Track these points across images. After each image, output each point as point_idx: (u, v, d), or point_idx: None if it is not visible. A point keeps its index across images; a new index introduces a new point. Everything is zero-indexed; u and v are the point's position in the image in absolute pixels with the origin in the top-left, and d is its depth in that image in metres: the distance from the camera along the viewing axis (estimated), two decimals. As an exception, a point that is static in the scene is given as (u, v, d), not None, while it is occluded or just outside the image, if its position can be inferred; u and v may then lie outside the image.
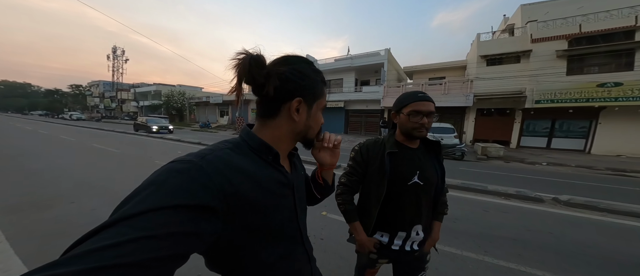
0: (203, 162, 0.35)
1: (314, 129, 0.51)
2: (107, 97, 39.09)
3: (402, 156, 0.85)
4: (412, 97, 0.83)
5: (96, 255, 0.24)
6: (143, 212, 0.28)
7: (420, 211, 0.87)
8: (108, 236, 0.26)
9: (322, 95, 0.50)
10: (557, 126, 10.62)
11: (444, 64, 14.83)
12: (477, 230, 2.40)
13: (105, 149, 6.72)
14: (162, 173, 0.33)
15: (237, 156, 0.41)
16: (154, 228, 0.27)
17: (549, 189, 4.13)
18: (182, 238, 0.29)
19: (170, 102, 26.65)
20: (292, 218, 0.48)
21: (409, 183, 0.84)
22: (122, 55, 34.82)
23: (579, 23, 9.68)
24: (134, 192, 0.31)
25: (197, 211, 0.31)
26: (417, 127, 0.81)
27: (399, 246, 0.89)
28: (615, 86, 8.79)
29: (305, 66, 0.46)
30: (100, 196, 2.98)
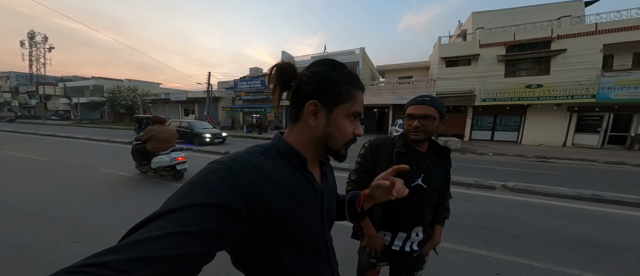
0: (233, 164, 0.37)
1: (337, 138, 0.45)
2: (22, 92, 31.07)
3: (409, 158, 0.87)
4: (412, 101, 0.87)
5: (139, 245, 0.27)
6: (181, 207, 0.30)
7: (422, 214, 0.89)
8: (152, 228, 0.29)
9: (348, 99, 0.44)
10: (498, 121, 12.62)
11: (411, 64, 16.07)
12: (449, 220, 2.62)
13: (27, 157, 5.29)
14: (201, 172, 0.36)
15: (266, 161, 0.41)
16: (188, 224, 0.29)
17: (498, 176, 4.86)
18: (210, 236, 0.30)
19: (116, 99, 22.64)
20: (319, 230, 0.47)
21: (411, 184, 0.84)
22: (43, 42, 27.95)
23: (513, 32, 11.56)
24: (180, 187, 0.35)
25: (225, 210, 0.32)
26: (411, 130, 0.85)
27: (399, 247, 0.91)
28: (538, 87, 10.85)
29: (325, 67, 0.44)
30: (24, 217, 2.32)
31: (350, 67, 4.56)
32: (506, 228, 2.49)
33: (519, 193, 3.76)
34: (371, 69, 17.34)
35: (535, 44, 11.18)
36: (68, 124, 20.71)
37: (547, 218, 2.82)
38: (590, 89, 9.91)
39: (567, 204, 3.30)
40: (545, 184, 4.06)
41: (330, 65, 0.45)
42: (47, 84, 28.49)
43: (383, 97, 13.27)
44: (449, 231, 2.37)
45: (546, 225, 2.60)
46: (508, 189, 3.92)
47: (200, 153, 7.16)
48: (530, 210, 3.08)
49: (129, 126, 18.71)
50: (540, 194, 3.68)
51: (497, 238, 2.28)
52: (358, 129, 0.47)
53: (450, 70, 12.75)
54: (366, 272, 0.99)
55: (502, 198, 3.57)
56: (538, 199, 3.50)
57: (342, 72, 0.44)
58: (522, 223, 2.64)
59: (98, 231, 2.18)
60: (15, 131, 12.04)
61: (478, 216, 2.82)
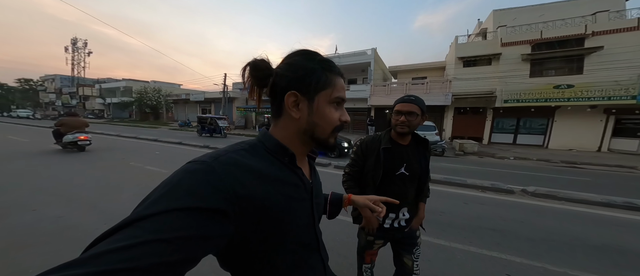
0: (215, 163, 0.35)
1: (323, 127, 0.43)
2: (65, 93, 34.75)
3: (393, 151, 1.02)
4: (400, 99, 1.01)
5: (107, 257, 0.24)
6: (155, 214, 0.28)
7: (406, 196, 1.05)
8: (121, 238, 0.26)
9: (327, 85, 0.43)
10: (521, 123, 11.80)
11: (426, 65, 15.59)
12: (460, 222, 2.59)
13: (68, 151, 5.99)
14: (177, 173, 0.33)
15: (252, 158, 0.39)
16: (164, 230, 0.27)
17: (518, 181, 4.59)
18: (192, 242, 0.28)
19: (143, 99, 24.51)
20: (309, 225, 0.46)
21: (396, 173, 1.01)
22: (84, 47, 31.10)
23: (540, 29, 10.78)
24: (152, 191, 0.32)
25: (208, 213, 0.30)
26: (397, 124, 0.99)
27: (389, 225, 1.07)
28: (568, 87, 10.00)
29: (298, 57, 0.43)
30: (67, 203, 2.68)
31: (361, 68, 4.56)
32: (522, 232, 2.39)
33: (540, 198, 3.55)
34: (383, 69, 17.07)
35: (566, 41, 10.34)
36: (102, 122, 22.82)
37: (569, 224, 2.65)
38: (630, 89, 8.94)
39: (594, 212, 3.06)
40: (571, 190, 3.78)
41: (303, 54, 0.44)
42: (86, 86, 31.59)
43: (395, 98, 12.91)
44: (459, 232, 2.34)
45: (567, 231, 2.46)
46: (528, 193, 3.72)
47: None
48: (552, 215, 2.91)
49: (154, 124, 20.17)
50: (564, 199, 3.44)
51: (511, 240, 2.20)
52: (344, 115, 0.46)
53: (468, 70, 12.19)
54: (365, 252, 1.12)
55: (520, 202, 3.40)
56: (562, 205, 3.28)
57: (315, 59, 0.43)
58: (539, 228, 2.52)
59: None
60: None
61: (491, 219, 2.73)
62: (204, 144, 8.14)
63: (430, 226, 2.41)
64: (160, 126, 18.36)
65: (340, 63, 9.05)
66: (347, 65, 15.28)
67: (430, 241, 2.11)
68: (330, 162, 5.57)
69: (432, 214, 2.75)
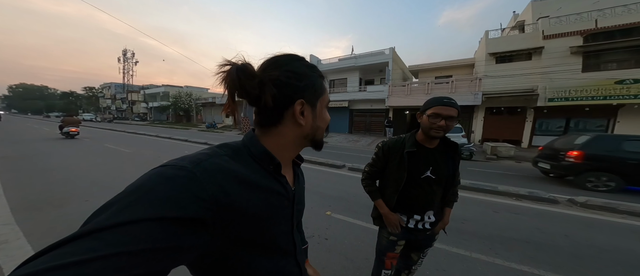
0: (197, 169, 0.32)
1: (322, 128, 0.48)
2: (118, 98, 40.39)
3: (419, 155, 0.98)
4: (438, 101, 0.91)
5: (52, 273, 0.20)
6: (121, 224, 0.25)
7: (433, 199, 1.01)
8: (73, 251, 0.22)
9: (323, 91, 0.46)
10: (572, 124, 10.19)
11: (451, 63, 14.51)
12: (487, 231, 2.32)
13: (118, 150, 6.95)
14: (150, 178, 0.30)
15: (236, 164, 0.38)
16: (129, 243, 0.24)
17: (565, 190, 3.96)
18: (161, 254, 0.26)
19: (178, 103, 27.25)
20: (288, 231, 0.46)
21: (422, 176, 0.98)
22: (132, 57, 35.95)
23: (594, 18, 9.26)
24: (114, 198, 0.28)
25: (184, 224, 0.28)
26: (434, 128, 0.91)
27: (413, 225, 1.03)
28: (635, 82, 8.36)
29: (298, 64, 0.42)
30: (111, 196, 3.07)
31: (379, 68, 4.53)
32: (565, 247, 2.04)
33: (593, 210, 3.00)
34: (402, 69, 16.33)
35: (631, 30, 8.69)
36: (145, 124, 26.03)
37: (629, 242, 2.19)
38: None
39: (669, 230, 2.48)
40: (636, 203, 3.12)
41: (301, 60, 0.44)
42: (134, 92, 36.42)
43: (416, 99, 12.31)
44: (484, 242, 2.10)
45: (627, 249, 2.03)
46: (577, 204, 3.17)
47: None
48: (607, 231, 2.44)
49: (187, 126, 22.33)
50: (626, 213, 2.86)
51: (549, 255, 1.90)
52: (328, 115, 0.50)
53: (503, 66, 10.99)
54: (386, 254, 1.08)
55: (565, 213, 2.92)
56: (622, 219, 2.73)
57: (313, 67, 0.45)
58: (590, 244, 2.12)
59: None
60: (112, 129, 15.89)
61: (527, 230, 2.39)
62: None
63: (451, 234, 2.20)
64: (191, 128, 20.20)
65: (357, 64, 9.01)
66: (364, 65, 15.02)
67: (446, 250, 1.93)
68: (344, 164, 5.49)
69: (453, 222, 2.47)
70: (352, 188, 3.56)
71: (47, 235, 1.98)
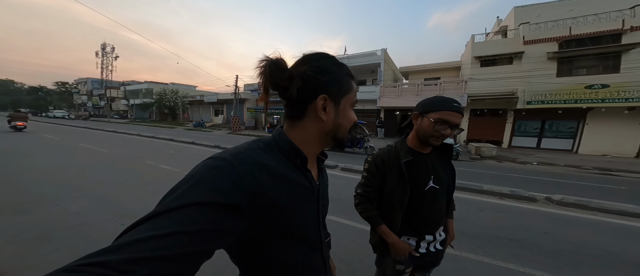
0: (235, 161, 0.36)
1: (345, 126, 0.47)
2: (95, 95, 37.83)
3: (417, 163, 0.84)
4: (446, 104, 0.76)
5: (138, 245, 0.26)
6: (181, 206, 0.30)
7: (442, 214, 0.89)
8: (150, 228, 0.28)
9: (350, 90, 0.47)
10: (546, 126, 10.93)
11: (439, 65, 15.01)
12: (474, 230, 2.41)
13: (95, 149, 6.48)
14: (200, 169, 0.35)
15: (268, 157, 0.41)
16: (188, 223, 0.29)
17: (541, 188, 4.22)
18: (210, 235, 0.30)
19: (162, 100, 25.98)
20: (315, 226, 0.48)
21: (426, 188, 0.84)
22: (111, 52, 33.77)
23: (569, 26, 9.96)
24: (177, 184, 0.34)
25: (226, 209, 0.32)
26: (438, 136, 0.77)
27: (425, 249, 0.89)
28: (603, 87, 9.11)
29: (326, 61, 0.44)
30: (87, 199, 2.84)
31: (371, 69, 4.48)
32: (544, 244, 2.17)
33: (568, 208, 3.22)
34: (393, 70, 16.68)
35: (600, 37, 9.45)
36: (125, 122, 24.53)
37: (602, 237, 2.36)
38: (679, 89, 7.95)
39: (632, 224, 2.71)
40: (605, 200, 3.39)
41: (329, 58, 0.45)
42: (113, 88, 34.20)
43: (406, 100, 12.62)
44: (473, 241, 2.17)
45: (599, 244, 2.19)
46: (553, 202, 3.39)
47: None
48: (581, 227, 2.62)
49: (172, 124, 21.32)
50: (596, 210, 3.09)
51: (532, 252, 2.00)
52: (354, 115, 0.50)
53: (487, 70, 11.54)
54: None
55: (544, 211, 3.10)
56: (594, 216, 2.95)
57: (341, 65, 0.46)
58: (566, 240, 2.27)
59: (139, 215, 2.50)
60: (88, 127, 14.82)
61: (511, 228, 2.51)
62: (215, 144, 8.42)
63: (440, 233, 2.27)
64: (177, 126, 19.33)
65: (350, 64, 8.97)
66: (356, 66, 15.10)
67: (439, 249, 1.98)
68: (337, 164, 5.49)
69: (442, 221, 2.59)
70: (345, 189, 3.56)
71: (11, 244, 1.78)
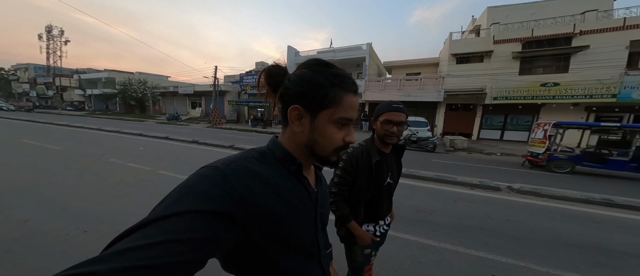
0: (228, 169, 0.36)
1: (323, 145, 0.43)
2: (40, 83, 32.46)
3: (382, 162, 0.99)
4: (387, 107, 0.92)
5: (128, 254, 0.25)
6: (172, 215, 0.29)
7: (391, 202, 1.10)
8: (141, 237, 0.27)
9: (331, 104, 0.41)
10: (508, 120, 12.19)
11: (420, 61, 15.64)
12: (450, 221, 2.63)
13: (43, 146, 5.59)
14: (193, 177, 0.35)
15: (262, 166, 0.41)
16: (180, 231, 0.28)
17: (504, 177, 4.74)
18: (203, 244, 0.30)
19: (127, 91, 23.30)
20: (312, 234, 0.47)
21: (384, 183, 1.00)
22: (59, 35, 28.89)
23: (531, 28, 10.96)
24: (169, 193, 0.33)
25: (219, 217, 0.32)
26: (389, 134, 0.92)
27: (379, 232, 1.07)
28: (554, 85, 10.35)
29: (308, 69, 0.42)
30: (36, 204, 2.46)
31: (356, 63, 4.35)
32: (508, 231, 2.45)
33: (525, 195, 3.67)
34: (378, 65, 17.01)
35: (555, 40, 10.60)
36: (82, 114, 21.55)
37: (552, 221, 2.75)
38: (611, 88, 9.37)
39: (575, 208, 3.20)
40: (554, 187, 3.93)
41: (314, 66, 0.42)
42: (63, 76, 29.55)
43: (389, 94, 13.03)
44: (450, 232, 2.36)
45: (550, 228, 2.55)
46: (514, 191, 3.83)
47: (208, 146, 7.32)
48: (536, 213, 3.01)
49: (140, 117, 19.27)
50: (547, 196, 3.58)
51: (498, 240, 2.25)
52: (349, 136, 0.44)
53: (461, 67, 12.32)
54: (364, 268, 1.07)
55: (507, 199, 3.50)
56: (545, 202, 3.40)
57: (325, 73, 0.41)
58: (525, 226, 2.59)
59: (106, 221, 2.23)
60: (33, 121, 12.61)
61: (480, 217, 2.78)
62: (193, 139, 7.86)
63: (422, 226, 2.43)
64: (147, 120, 17.60)
65: (335, 58, 8.88)
66: (342, 60, 15.09)
67: (421, 242, 2.12)
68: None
69: (423, 214, 2.78)
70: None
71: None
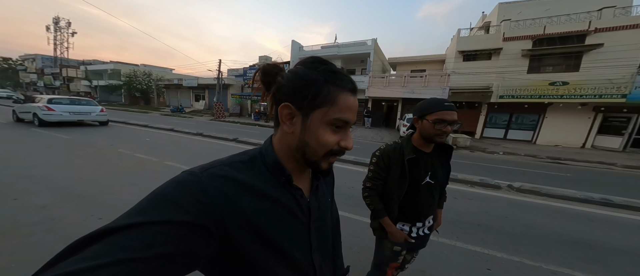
0: (204, 175, 0.33)
1: (314, 148, 0.38)
2: (47, 74, 32.89)
3: (418, 161, 0.96)
4: (439, 105, 0.87)
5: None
6: (129, 226, 0.26)
7: (433, 205, 1.04)
8: (88, 256, 0.23)
9: (326, 102, 0.36)
10: (513, 119, 12.04)
11: (425, 58, 15.36)
12: (449, 217, 2.70)
13: (53, 135, 5.79)
14: (166, 182, 0.32)
15: (248, 172, 0.38)
16: (139, 247, 0.24)
17: (505, 176, 4.78)
18: (170, 259, 0.26)
19: (132, 83, 23.51)
20: (305, 251, 0.42)
21: (422, 182, 0.97)
22: (67, 27, 28.97)
23: (544, 24, 10.64)
24: (143, 198, 0.30)
25: (189, 228, 0.28)
26: (440, 134, 0.88)
27: (416, 234, 1.04)
28: (563, 84, 10.13)
29: (302, 66, 0.39)
30: (51, 192, 2.59)
31: (361, 58, 4.36)
32: (505, 227, 2.53)
33: (525, 194, 3.72)
34: (382, 61, 16.77)
35: (568, 37, 10.27)
36: (90, 105, 21.89)
37: (549, 220, 2.82)
38: (622, 88, 9.14)
39: (573, 207, 3.25)
40: (554, 186, 3.97)
41: (309, 63, 0.39)
42: (70, 67, 29.76)
43: (393, 91, 12.93)
44: (448, 227, 2.44)
45: (546, 226, 2.62)
46: (514, 189, 3.88)
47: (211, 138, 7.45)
48: (534, 211, 3.07)
49: (145, 109, 19.55)
50: (546, 195, 3.63)
51: (494, 235, 2.34)
52: (345, 140, 0.39)
53: (468, 64, 12.10)
54: (389, 264, 1.06)
55: (506, 197, 3.56)
56: (544, 201, 3.46)
57: (319, 69, 0.37)
58: (521, 223, 2.67)
59: (120, 209, 2.32)
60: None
61: (479, 214, 2.86)
62: (197, 131, 8.00)
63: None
64: (151, 111, 17.83)
65: (340, 53, 8.87)
66: (346, 55, 14.94)
67: (419, 236, 2.22)
68: (348, 156, 5.59)
69: (422, 209, 2.87)
70: (358, 183, 3.70)
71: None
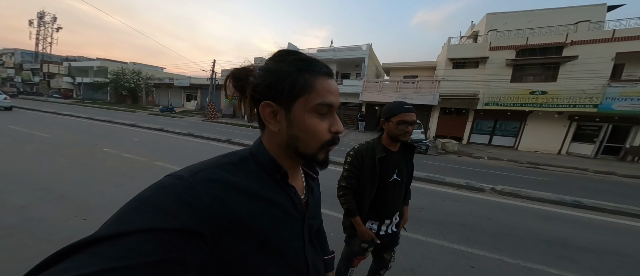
0: (194, 179, 0.31)
1: (306, 140, 0.37)
2: (26, 69, 31.04)
3: (387, 159, 1.04)
4: (400, 108, 0.97)
5: None
6: (116, 235, 0.24)
7: (399, 201, 1.12)
8: (71, 267, 0.21)
9: (305, 90, 0.36)
10: (498, 125, 12.67)
11: (417, 64, 15.92)
12: (437, 218, 2.85)
13: (31, 133, 5.50)
14: (150, 187, 0.30)
15: (240, 173, 0.36)
16: (125, 256, 0.23)
17: (489, 180, 5.04)
18: (160, 268, 0.25)
19: (120, 81, 22.62)
20: (299, 248, 0.43)
21: (390, 180, 1.04)
22: (52, 22, 27.58)
23: (526, 36, 11.35)
24: (124, 204, 0.28)
25: (180, 234, 0.27)
26: (403, 133, 0.98)
27: (384, 232, 1.11)
28: (542, 94, 10.82)
29: (272, 61, 0.38)
30: (30, 191, 2.48)
31: (355, 63, 4.46)
32: (487, 228, 2.70)
33: (506, 196, 3.96)
34: (377, 66, 17.21)
35: (547, 49, 10.98)
36: (70, 102, 20.83)
37: (527, 220, 3.03)
38: (594, 98, 9.88)
39: (548, 209, 3.50)
40: (532, 189, 4.25)
41: (277, 56, 0.38)
42: (52, 63, 28.34)
43: (386, 95, 13.25)
44: (435, 227, 2.58)
45: (525, 226, 2.82)
46: (496, 192, 4.12)
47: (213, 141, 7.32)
48: (514, 212, 3.28)
49: (132, 108, 18.83)
50: (525, 198, 3.88)
51: (477, 235, 2.49)
52: (335, 125, 0.39)
53: (457, 72, 12.65)
54: (356, 257, 1.17)
55: (489, 200, 3.77)
56: (523, 203, 3.70)
57: (288, 60, 0.36)
58: (502, 223, 2.85)
59: (105, 209, 2.25)
60: (18, 107, 12.17)
61: (464, 215, 3.02)
62: (188, 132, 7.84)
63: (412, 222, 2.63)
64: (139, 110, 17.21)
65: (335, 57, 9.03)
66: (341, 59, 15.19)
67: (409, 236, 2.32)
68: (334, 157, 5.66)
69: (412, 211, 2.98)
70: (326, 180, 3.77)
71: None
